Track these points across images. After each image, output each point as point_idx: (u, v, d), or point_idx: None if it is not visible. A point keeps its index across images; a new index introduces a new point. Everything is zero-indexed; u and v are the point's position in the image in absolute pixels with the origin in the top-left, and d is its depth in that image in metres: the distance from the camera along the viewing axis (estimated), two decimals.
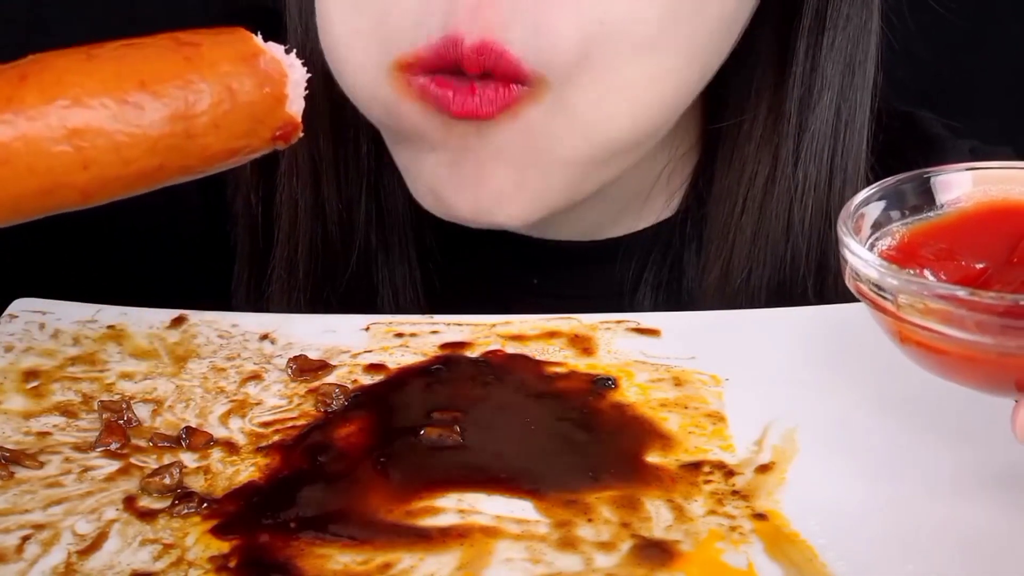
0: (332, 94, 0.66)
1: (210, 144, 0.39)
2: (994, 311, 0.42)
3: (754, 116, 0.69)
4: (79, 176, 0.37)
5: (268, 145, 0.41)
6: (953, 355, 0.44)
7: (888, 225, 0.50)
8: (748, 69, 0.69)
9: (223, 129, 0.39)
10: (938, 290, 0.44)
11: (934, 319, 0.44)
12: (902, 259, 0.48)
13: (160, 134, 0.38)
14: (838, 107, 0.68)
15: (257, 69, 0.40)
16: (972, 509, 0.48)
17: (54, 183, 0.37)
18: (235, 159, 0.41)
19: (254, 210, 0.74)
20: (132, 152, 0.38)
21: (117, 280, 0.76)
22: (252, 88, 0.40)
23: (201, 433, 0.53)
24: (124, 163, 0.38)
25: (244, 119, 0.40)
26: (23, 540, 0.47)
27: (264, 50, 0.41)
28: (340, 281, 0.71)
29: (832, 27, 0.67)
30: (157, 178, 0.39)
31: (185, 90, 0.39)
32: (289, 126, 0.41)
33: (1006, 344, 0.42)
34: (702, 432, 0.53)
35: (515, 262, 0.73)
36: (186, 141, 0.39)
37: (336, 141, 0.70)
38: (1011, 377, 0.44)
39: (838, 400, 0.54)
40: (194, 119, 0.39)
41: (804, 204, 0.68)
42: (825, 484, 0.50)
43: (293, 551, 0.46)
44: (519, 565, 0.46)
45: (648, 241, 0.73)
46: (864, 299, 0.47)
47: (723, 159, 0.70)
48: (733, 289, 0.69)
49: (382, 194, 0.71)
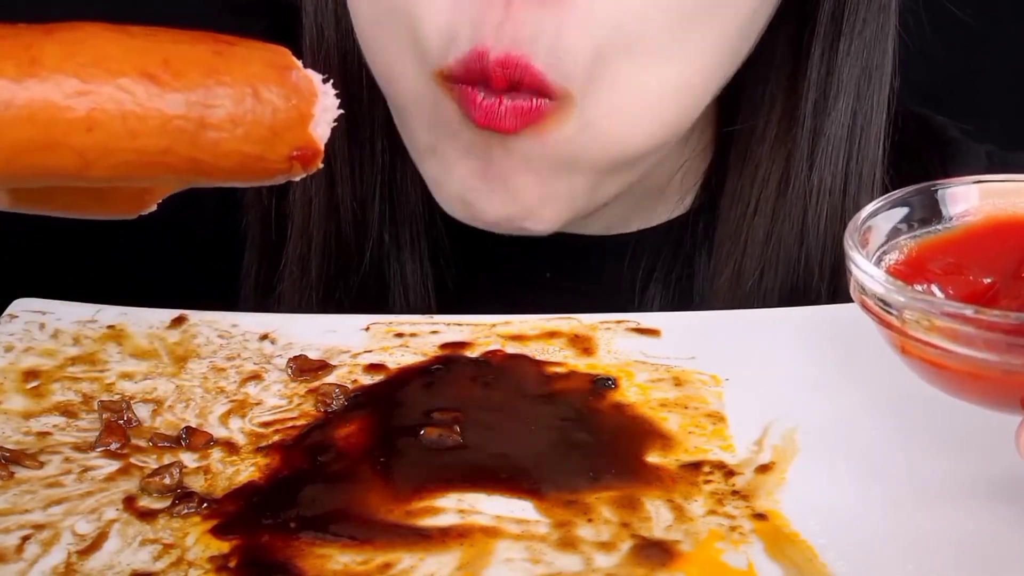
0: (347, 92, 0.67)
1: (223, 140, 0.37)
2: (1000, 329, 0.42)
3: (768, 119, 0.69)
4: (81, 138, 0.36)
5: (284, 165, 0.39)
6: (958, 372, 0.44)
7: (896, 239, 0.50)
8: (763, 73, 0.69)
9: (240, 128, 0.38)
10: (944, 308, 0.43)
11: (939, 336, 0.43)
12: (909, 273, 0.48)
13: (173, 114, 0.37)
14: (854, 112, 0.68)
15: (288, 80, 0.39)
16: (972, 509, 0.48)
17: (53, 139, 0.36)
18: (245, 173, 0.39)
19: (266, 204, 0.74)
20: (140, 125, 0.36)
21: (117, 280, 0.76)
22: (278, 97, 0.38)
23: (201, 433, 0.53)
24: (130, 135, 0.36)
25: (264, 125, 0.38)
26: (23, 540, 0.47)
27: (299, 66, 0.40)
28: (352, 278, 0.72)
29: (848, 32, 0.67)
30: (160, 164, 0.37)
31: (208, 78, 0.37)
32: (310, 149, 0.39)
33: (1011, 362, 0.42)
34: (702, 432, 0.53)
35: (527, 256, 0.73)
36: (199, 129, 0.37)
37: (351, 141, 0.71)
38: (1016, 395, 0.44)
39: (838, 400, 0.54)
40: (211, 108, 0.37)
41: (818, 209, 0.68)
42: (825, 484, 0.50)
43: (293, 551, 0.46)
44: (519, 565, 0.46)
45: (660, 238, 0.73)
46: (869, 313, 0.46)
47: (736, 160, 0.71)
48: (745, 291, 0.69)
49: (395, 192, 0.72)
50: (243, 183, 0.40)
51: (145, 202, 0.43)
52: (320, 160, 0.40)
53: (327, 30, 0.69)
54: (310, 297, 0.72)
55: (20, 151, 0.36)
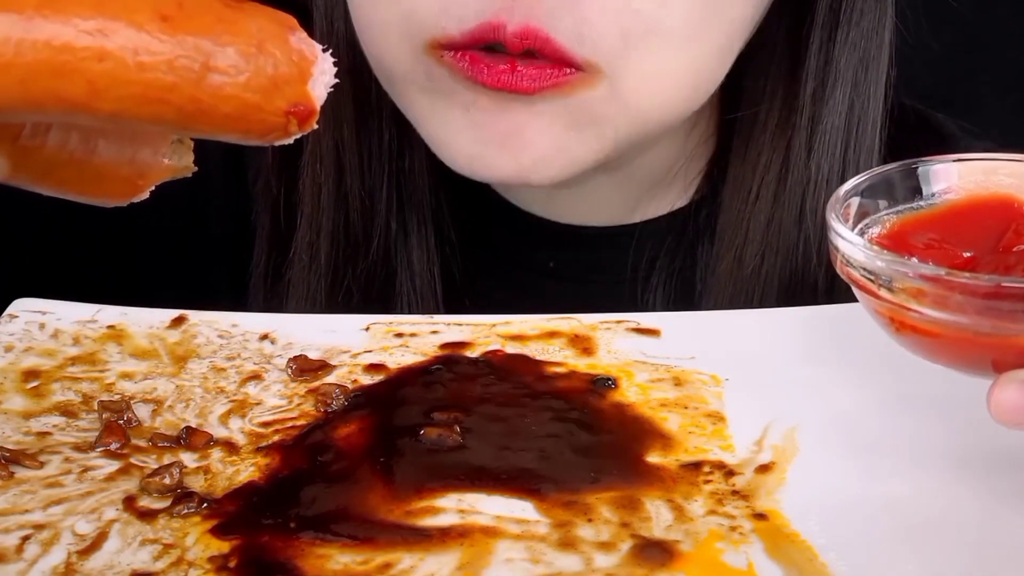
0: (356, 84, 0.69)
1: (226, 84, 0.39)
2: (971, 292, 0.44)
3: (769, 107, 0.71)
4: (92, 66, 0.38)
5: (281, 119, 0.41)
6: (935, 335, 0.45)
7: (876, 214, 0.51)
8: (763, 61, 0.71)
9: (242, 75, 0.39)
10: (921, 271, 0.45)
11: (917, 300, 0.45)
12: (891, 246, 0.49)
13: (183, 53, 0.39)
14: (851, 102, 0.69)
15: (290, 39, 0.41)
16: (973, 509, 0.48)
17: (67, 65, 0.38)
18: (242, 122, 0.40)
19: (275, 193, 0.76)
20: (150, 59, 0.38)
21: (117, 280, 0.76)
22: (280, 53, 0.40)
23: (201, 433, 0.53)
24: (139, 67, 0.38)
25: (265, 76, 0.40)
26: (23, 540, 0.47)
27: (302, 32, 0.42)
28: (361, 265, 0.73)
29: (846, 22, 0.68)
30: (164, 101, 0.39)
31: (218, 24, 0.39)
32: (306, 105, 0.41)
33: (982, 324, 0.44)
34: (702, 432, 0.53)
35: (531, 245, 0.75)
36: (204, 71, 0.39)
37: (360, 131, 0.72)
38: (987, 357, 0.45)
39: (838, 400, 0.54)
40: (218, 53, 0.39)
41: (817, 196, 0.70)
42: (825, 484, 0.50)
43: (293, 551, 0.46)
44: (519, 565, 0.46)
45: (663, 228, 0.74)
46: (852, 283, 0.48)
47: (738, 148, 0.72)
48: (745, 276, 0.70)
49: (403, 182, 0.73)
50: (239, 137, 0.41)
51: (138, 188, 0.45)
52: (315, 120, 0.41)
53: (337, 23, 0.70)
54: (319, 284, 0.73)
55: (35, 75, 0.37)
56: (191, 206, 0.78)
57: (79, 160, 0.43)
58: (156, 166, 0.45)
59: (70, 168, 0.43)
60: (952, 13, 0.74)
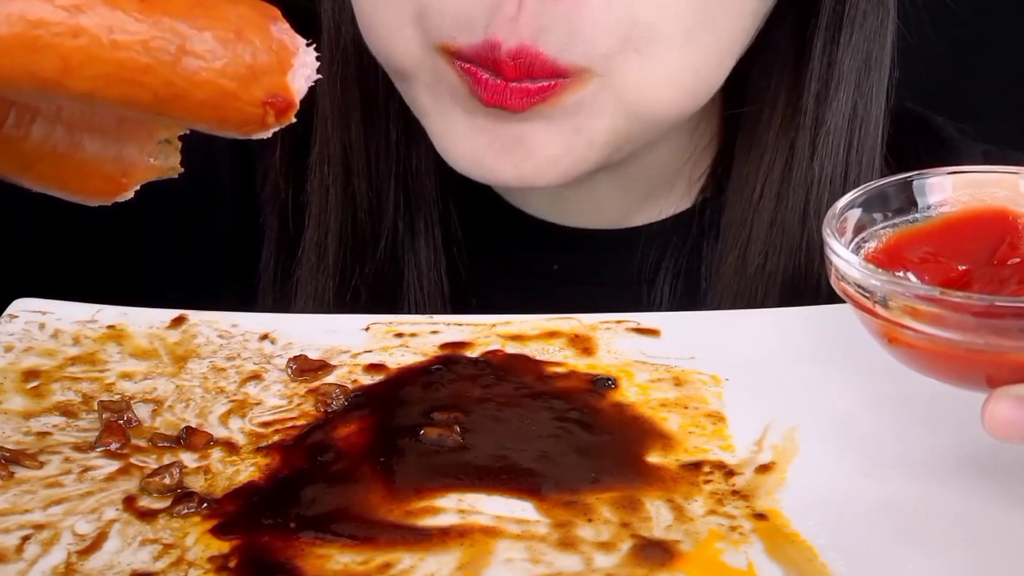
0: (363, 87, 0.70)
1: (202, 69, 0.39)
2: (964, 310, 0.44)
3: (773, 108, 0.71)
4: (66, 42, 0.37)
5: (258, 109, 0.40)
6: (929, 352, 0.46)
7: (872, 227, 0.51)
8: (768, 63, 0.71)
9: (219, 61, 0.39)
10: (915, 290, 0.46)
11: (911, 318, 0.46)
12: (887, 261, 0.49)
13: (158, 34, 0.38)
14: (854, 103, 0.70)
15: (270, 28, 0.40)
16: (973, 509, 0.48)
17: (41, 41, 0.37)
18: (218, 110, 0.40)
19: (283, 194, 0.76)
20: (125, 38, 0.38)
21: (119, 280, 0.76)
22: (260, 41, 0.40)
23: (201, 433, 0.53)
24: (113, 46, 0.37)
25: (243, 64, 0.39)
26: (23, 540, 0.47)
27: (284, 20, 0.41)
28: (368, 265, 0.74)
29: (849, 24, 0.69)
30: (137, 83, 0.38)
31: (197, 8, 0.39)
32: (285, 97, 0.40)
33: (976, 341, 0.44)
34: (702, 432, 0.53)
35: (537, 248, 0.75)
36: (180, 53, 0.38)
37: (367, 132, 0.73)
38: (981, 373, 0.46)
39: (838, 400, 0.54)
40: (194, 37, 0.38)
41: (820, 196, 0.70)
42: (825, 484, 0.50)
43: (293, 551, 0.46)
44: (519, 565, 0.46)
45: (668, 230, 0.75)
46: (848, 299, 0.48)
47: (742, 147, 0.72)
48: (749, 275, 0.71)
49: (410, 183, 0.73)
50: (215, 125, 0.40)
51: (122, 186, 0.44)
52: (293, 113, 0.41)
53: (344, 26, 0.70)
54: (326, 284, 0.74)
55: (8, 49, 0.37)
56: (197, 206, 0.78)
57: (63, 154, 0.42)
58: (141, 165, 0.44)
59: (53, 162, 0.42)
60: (952, 15, 0.75)
